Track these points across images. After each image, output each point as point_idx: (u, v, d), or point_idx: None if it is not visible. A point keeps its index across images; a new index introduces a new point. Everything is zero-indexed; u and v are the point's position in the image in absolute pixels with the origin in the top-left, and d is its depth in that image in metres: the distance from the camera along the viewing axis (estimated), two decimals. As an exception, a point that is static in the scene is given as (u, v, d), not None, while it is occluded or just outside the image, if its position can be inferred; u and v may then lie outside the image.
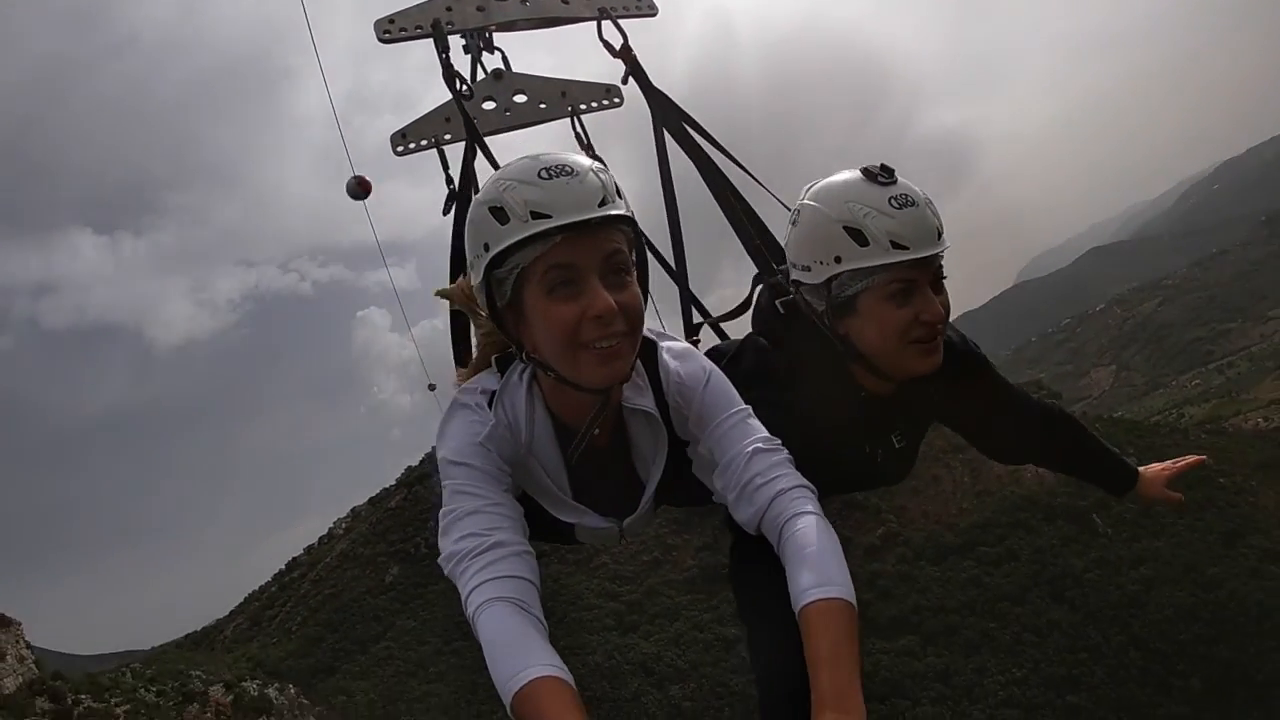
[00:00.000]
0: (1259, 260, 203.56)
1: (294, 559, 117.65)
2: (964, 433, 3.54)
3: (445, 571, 2.33)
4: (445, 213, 4.54)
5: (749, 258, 3.81)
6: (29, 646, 52.11)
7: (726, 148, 4.23)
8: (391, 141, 4.74)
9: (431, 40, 4.48)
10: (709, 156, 4.22)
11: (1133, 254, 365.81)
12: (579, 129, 4.94)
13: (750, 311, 3.44)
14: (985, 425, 3.50)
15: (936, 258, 2.78)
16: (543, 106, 4.98)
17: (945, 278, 2.86)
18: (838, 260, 2.77)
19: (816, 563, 2.28)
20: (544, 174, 2.29)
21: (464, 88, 4.49)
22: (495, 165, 3.95)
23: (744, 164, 4.17)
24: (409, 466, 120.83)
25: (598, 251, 2.30)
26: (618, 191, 2.39)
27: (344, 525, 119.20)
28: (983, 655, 72.15)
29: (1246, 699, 69.04)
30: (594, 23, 4.67)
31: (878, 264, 2.72)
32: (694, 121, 4.32)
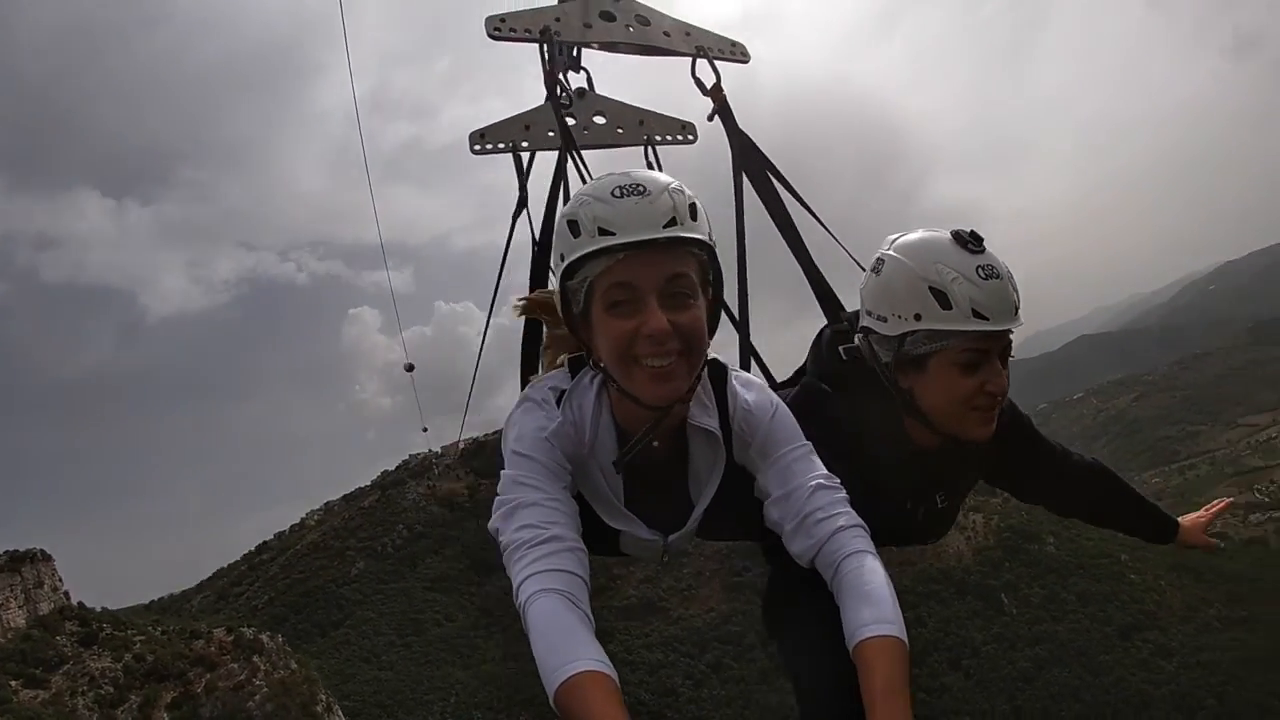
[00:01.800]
0: (1238, 366, 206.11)
1: (264, 542, 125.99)
2: (1010, 490, 3.70)
3: (503, 558, 2.36)
4: (515, 217, 4.90)
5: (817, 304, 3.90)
6: (60, 579, 62.56)
7: (805, 200, 4.26)
8: (470, 139, 4.97)
9: (538, 46, 4.67)
10: (784, 205, 4.23)
11: (1120, 346, 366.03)
12: (652, 159, 5.16)
13: (807, 353, 3.48)
14: (1031, 484, 3.63)
15: (1010, 331, 2.84)
16: (620, 131, 5.15)
17: (1012, 355, 2.92)
18: (917, 318, 2.82)
19: (874, 600, 2.37)
20: (617, 192, 2.41)
21: (564, 97, 4.59)
22: (584, 178, 4.30)
23: (821, 218, 4.22)
24: (385, 470, 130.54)
25: (660, 272, 2.38)
26: (693, 214, 2.46)
27: (316, 517, 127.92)
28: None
29: (1115, 777, 77.41)
30: (689, 59, 4.79)
31: (956, 329, 2.77)
32: (775, 169, 4.32)
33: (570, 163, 4.49)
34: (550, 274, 3.64)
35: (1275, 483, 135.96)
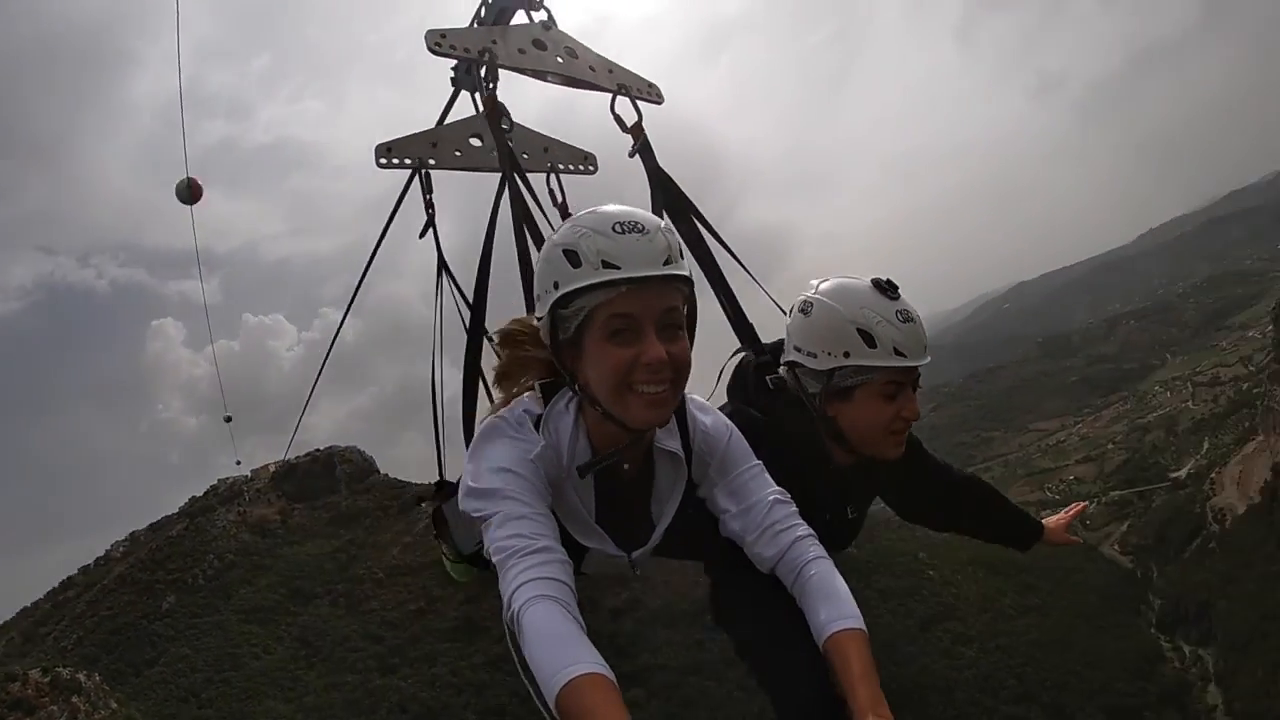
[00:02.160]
0: (1029, 377, 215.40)
1: (69, 578, 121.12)
2: (898, 506, 4.17)
3: (494, 561, 2.44)
4: (421, 236, 5.10)
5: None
6: None
7: (724, 238, 4.39)
8: (375, 152, 4.94)
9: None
10: (705, 243, 4.32)
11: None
12: (554, 187, 5.03)
13: (728, 383, 3.79)
14: (918, 497, 4.09)
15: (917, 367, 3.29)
16: (525, 156, 5.09)
17: (921, 387, 3.37)
18: (846, 355, 3.22)
19: (839, 599, 2.70)
20: (618, 228, 2.51)
21: (505, 121, 4.58)
22: (520, 204, 4.24)
23: (739, 257, 4.40)
24: (193, 496, 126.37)
25: (657, 305, 2.52)
26: (681, 253, 2.62)
27: (121, 549, 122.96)
28: (696, 709, 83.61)
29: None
30: (610, 95, 4.86)
31: (881, 365, 3.20)
32: (695, 208, 4.43)
33: (515, 185, 4.41)
34: (457, 302, 4.15)
35: (1064, 481, 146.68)
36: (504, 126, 4.58)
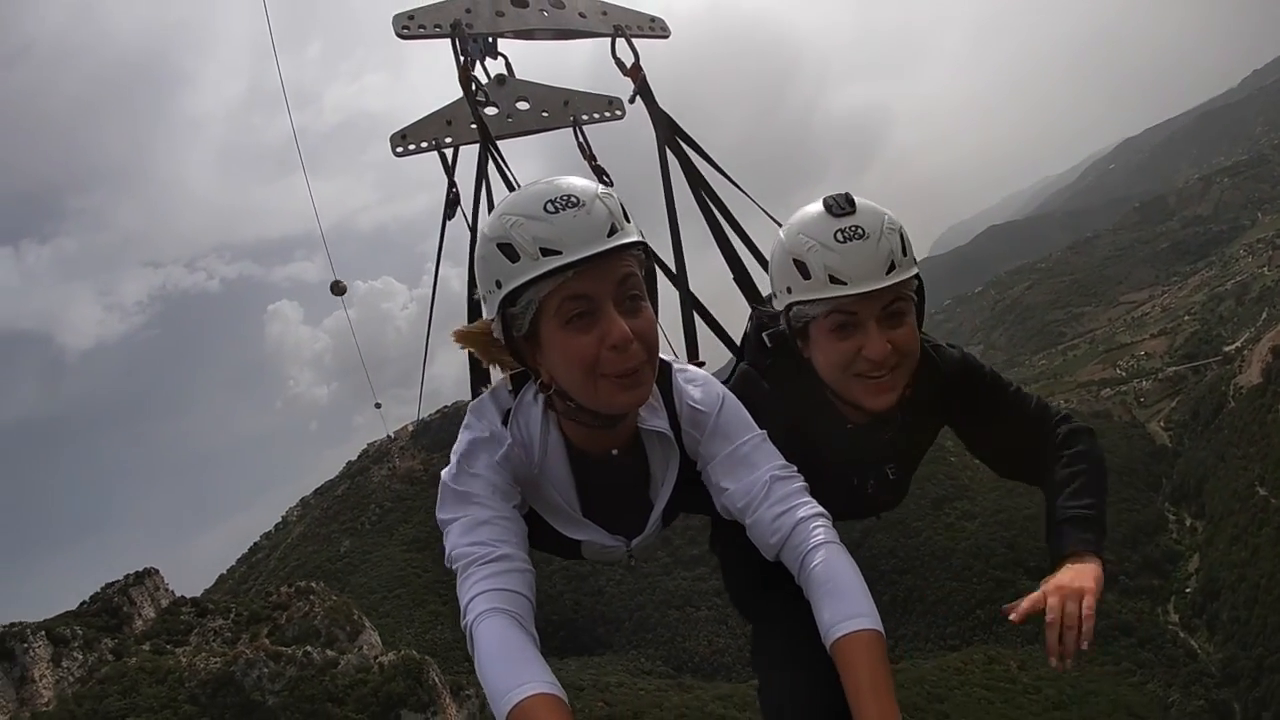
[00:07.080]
0: (1124, 246, 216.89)
1: (256, 543, 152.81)
2: (978, 454, 3.48)
3: (453, 568, 2.43)
4: (449, 218, 4.95)
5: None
6: (167, 584, 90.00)
7: (728, 173, 4.31)
8: (391, 141, 4.92)
9: (449, 41, 4.57)
10: (707, 182, 4.25)
11: (1023, 234, 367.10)
12: (581, 139, 5.05)
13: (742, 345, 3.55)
14: (991, 442, 3.39)
15: (887, 291, 2.80)
16: (545, 115, 5.07)
17: (907, 314, 2.91)
18: (789, 291, 2.92)
19: (843, 595, 2.39)
20: (550, 207, 2.33)
21: (480, 93, 4.48)
22: (505, 175, 4.29)
23: (747, 190, 4.28)
24: (349, 461, 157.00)
25: (611, 279, 2.37)
26: (625, 214, 2.45)
27: (295, 513, 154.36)
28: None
29: (921, 611, 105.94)
30: (607, 39, 4.74)
31: (815, 297, 2.83)
32: (696, 145, 4.36)
33: (491, 159, 4.44)
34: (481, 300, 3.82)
35: (1136, 357, 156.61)
36: (480, 100, 4.54)
